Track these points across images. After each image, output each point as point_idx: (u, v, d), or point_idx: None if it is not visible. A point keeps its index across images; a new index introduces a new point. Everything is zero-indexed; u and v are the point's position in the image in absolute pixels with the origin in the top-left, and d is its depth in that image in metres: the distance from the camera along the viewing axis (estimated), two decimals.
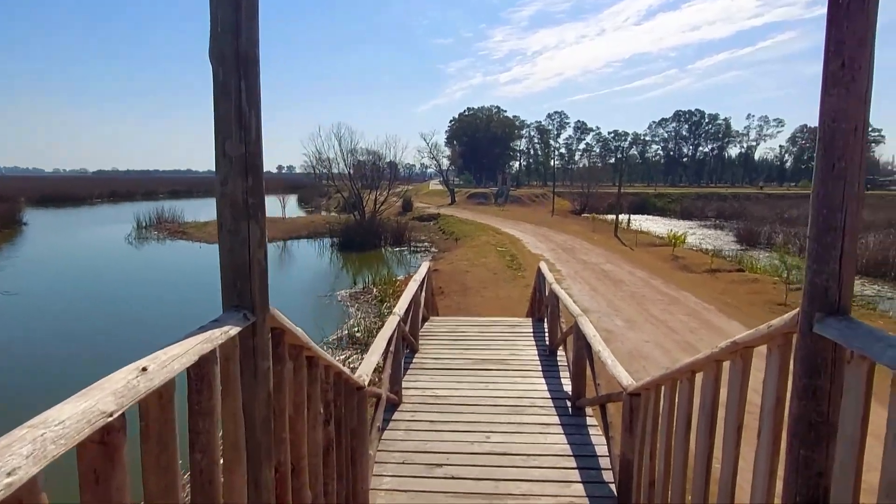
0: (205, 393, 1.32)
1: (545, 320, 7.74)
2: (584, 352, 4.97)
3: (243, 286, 1.56)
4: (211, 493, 1.36)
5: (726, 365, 2.02)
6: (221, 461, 1.42)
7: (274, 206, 40.46)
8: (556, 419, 4.85)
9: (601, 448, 4.21)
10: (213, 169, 1.53)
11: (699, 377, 2.27)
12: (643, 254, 21.39)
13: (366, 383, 3.45)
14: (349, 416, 3.08)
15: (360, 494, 3.33)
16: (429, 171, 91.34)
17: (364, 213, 31.99)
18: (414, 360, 6.38)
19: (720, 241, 30.28)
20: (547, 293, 7.30)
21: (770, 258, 23.07)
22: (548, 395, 5.42)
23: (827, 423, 1.48)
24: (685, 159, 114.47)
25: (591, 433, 4.57)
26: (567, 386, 5.53)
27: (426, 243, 29.86)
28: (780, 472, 1.63)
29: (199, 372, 1.29)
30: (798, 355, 1.55)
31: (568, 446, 4.32)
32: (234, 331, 1.45)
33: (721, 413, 2.01)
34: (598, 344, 4.26)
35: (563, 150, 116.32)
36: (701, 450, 2.14)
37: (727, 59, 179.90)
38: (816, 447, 1.50)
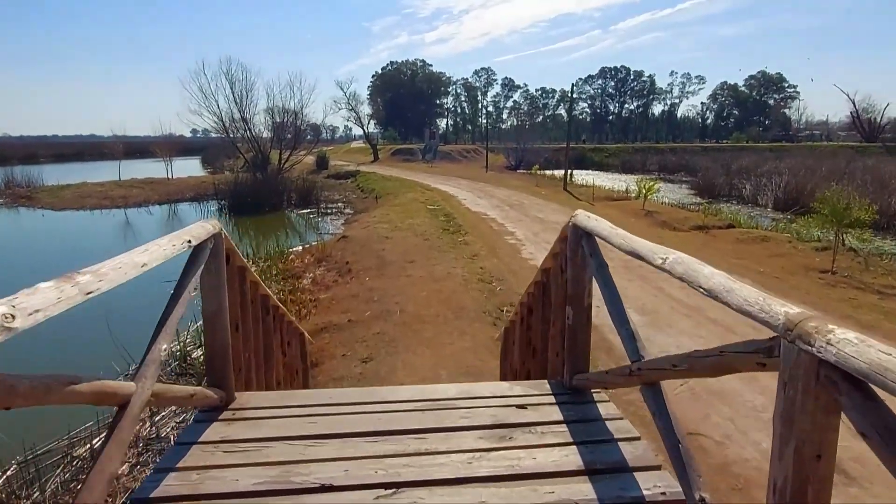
0: None
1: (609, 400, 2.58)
2: None
3: None
4: None
5: None
6: None
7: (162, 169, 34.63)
8: None
9: None
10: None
11: None
12: (607, 208, 17.36)
13: None
14: None
15: None
16: (352, 132, 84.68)
17: (267, 171, 26.48)
18: None
19: (676, 195, 26.96)
20: None
21: (739, 211, 19.77)
22: None
23: None
24: (611, 117, 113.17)
25: None
26: None
27: (340, 203, 24.71)
28: None
29: None
30: None
31: None
32: None
33: None
34: None
35: (490, 108, 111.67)
36: None
37: (648, 20, 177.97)
38: None
